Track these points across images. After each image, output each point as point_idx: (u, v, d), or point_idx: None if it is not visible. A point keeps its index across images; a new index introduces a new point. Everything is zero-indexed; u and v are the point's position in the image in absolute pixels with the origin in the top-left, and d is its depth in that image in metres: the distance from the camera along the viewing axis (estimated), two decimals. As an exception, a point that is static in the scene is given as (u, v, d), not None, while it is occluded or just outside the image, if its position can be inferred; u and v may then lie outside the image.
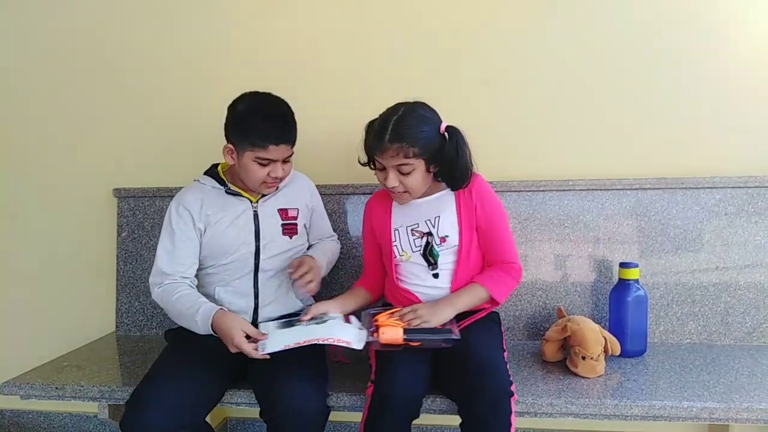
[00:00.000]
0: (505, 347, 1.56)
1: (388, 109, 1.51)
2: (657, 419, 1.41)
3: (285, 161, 1.59)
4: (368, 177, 1.87)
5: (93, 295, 2.15)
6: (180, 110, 2.07)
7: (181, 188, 1.81)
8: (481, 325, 1.56)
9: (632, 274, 1.70)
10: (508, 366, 1.45)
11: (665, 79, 1.86)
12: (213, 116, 2.02)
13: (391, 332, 1.41)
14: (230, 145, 1.57)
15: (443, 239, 1.56)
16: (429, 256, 1.57)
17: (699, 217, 1.82)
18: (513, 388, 1.35)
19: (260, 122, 1.53)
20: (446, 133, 1.51)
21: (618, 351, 1.61)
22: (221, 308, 1.53)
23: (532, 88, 1.91)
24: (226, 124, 1.59)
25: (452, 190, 1.58)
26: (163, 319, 2.02)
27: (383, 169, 1.51)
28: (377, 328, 1.44)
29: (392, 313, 1.52)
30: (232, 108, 1.58)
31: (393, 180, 1.49)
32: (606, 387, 1.49)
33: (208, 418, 1.51)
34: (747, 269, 1.80)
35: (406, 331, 1.43)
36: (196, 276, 1.67)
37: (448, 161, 1.51)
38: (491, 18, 1.91)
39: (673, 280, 1.83)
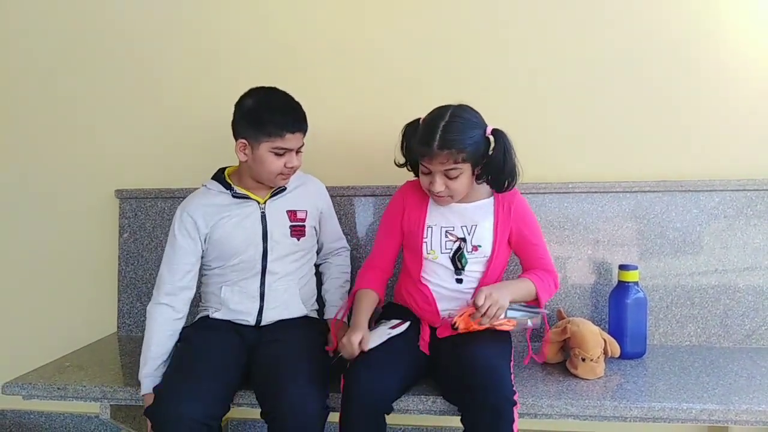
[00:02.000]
0: (512, 356, 1.55)
1: (433, 112, 1.50)
2: (656, 421, 1.42)
3: (298, 152, 1.62)
4: (375, 179, 1.90)
5: (95, 295, 2.16)
6: (183, 112, 2.08)
7: (183, 189, 1.83)
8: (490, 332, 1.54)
9: (632, 276, 1.70)
10: (513, 374, 1.46)
11: (664, 82, 1.87)
12: (216, 118, 2.04)
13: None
14: (243, 140, 1.58)
15: (475, 248, 1.56)
16: (458, 261, 1.57)
17: (698, 220, 1.83)
18: (516, 397, 1.36)
19: (275, 112, 1.56)
20: (492, 136, 1.50)
21: (617, 353, 1.61)
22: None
23: (532, 92, 1.92)
24: (235, 120, 1.60)
25: (498, 191, 1.57)
26: (164, 320, 2.03)
27: (429, 173, 1.49)
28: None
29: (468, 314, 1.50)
30: (241, 104, 1.60)
31: (440, 185, 1.48)
32: (606, 389, 1.50)
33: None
34: (746, 272, 1.81)
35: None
36: (205, 273, 1.69)
37: (495, 164, 1.50)
38: (492, 22, 1.92)
39: (673, 283, 1.83)
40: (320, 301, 1.81)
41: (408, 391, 1.49)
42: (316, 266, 1.82)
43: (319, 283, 1.81)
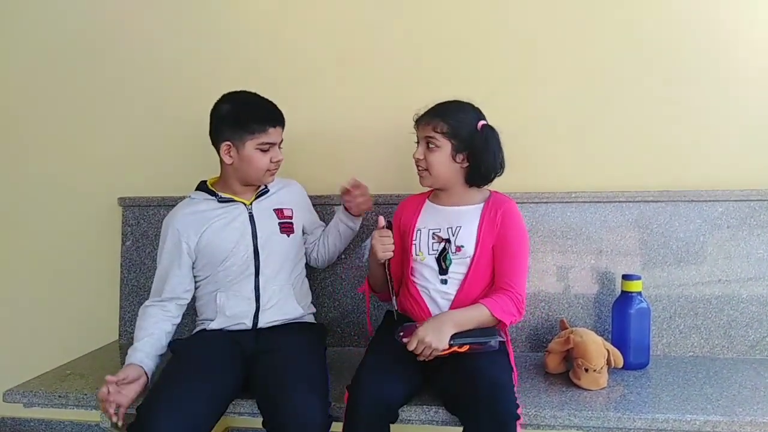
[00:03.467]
0: (513, 365, 1.55)
1: None
2: (660, 432, 1.41)
3: (279, 146, 1.67)
4: (373, 188, 1.90)
5: (96, 303, 2.16)
6: (186, 120, 2.08)
7: (185, 198, 1.83)
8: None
9: (635, 286, 1.70)
10: (516, 387, 1.45)
11: (668, 92, 1.87)
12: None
13: None
14: (227, 143, 1.62)
15: (459, 248, 1.59)
16: (442, 261, 1.60)
17: (701, 230, 1.82)
18: (520, 411, 1.35)
19: (254, 110, 1.63)
20: (481, 130, 1.57)
21: (621, 363, 1.61)
22: (138, 365, 1.51)
23: (534, 101, 1.93)
24: (214, 126, 1.65)
25: (471, 185, 1.61)
26: (166, 328, 2.03)
27: (418, 142, 1.61)
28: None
29: None
30: (217, 110, 1.65)
31: (420, 152, 1.59)
32: (609, 399, 1.49)
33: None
34: (750, 282, 1.80)
35: (451, 336, 1.44)
36: (198, 285, 1.70)
37: (476, 155, 1.55)
38: (494, 29, 1.93)
39: (676, 293, 1.83)
40: (316, 304, 1.82)
41: (412, 396, 1.48)
42: (308, 266, 1.84)
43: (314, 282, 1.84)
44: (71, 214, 2.17)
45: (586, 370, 1.54)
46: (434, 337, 1.42)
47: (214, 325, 1.65)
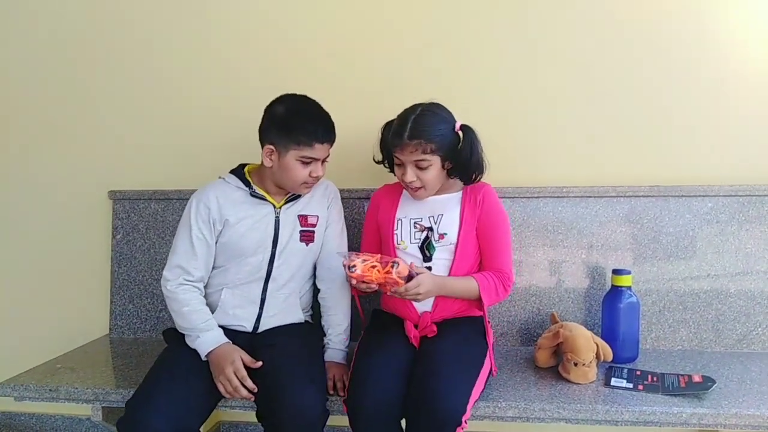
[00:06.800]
0: (487, 361, 1.53)
1: (406, 109, 1.58)
2: (647, 425, 1.43)
3: (323, 161, 1.61)
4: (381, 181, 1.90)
5: (87, 297, 2.15)
6: (177, 113, 2.07)
7: (177, 191, 1.82)
8: (462, 333, 1.56)
9: (625, 280, 1.71)
10: (475, 386, 1.42)
11: (659, 88, 1.88)
12: (211, 119, 2.05)
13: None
14: (271, 146, 1.57)
15: (441, 236, 1.61)
16: (426, 249, 1.61)
17: (691, 225, 1.84)
18: (465, 417, 1.34)
19: (306, 121, 1.56)
20: (461, 132, 1.59)
21: (610, 357, 1.62)
22: (228, 342, 1.53)
23: (526, 96, 1.93)
24: (264, 126, 1.59)
25: (465, 184, 1.65)
26: (156, 322, 2.03)
27: (401, 164, 1.57)
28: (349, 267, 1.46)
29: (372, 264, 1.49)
30: (271, 110, 1.59)
31: (411, 175, 1.55)
32: (597, 393, 1.51)
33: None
34: (738, 277, 1.82)
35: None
36: None
37: (463, 158, 1.59)
38: (485, 25, 1.93)
39: (666, 287, 1.84)
40: (314, 307, 1.79)
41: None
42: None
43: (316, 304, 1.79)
44: (61, 208, 2.15)
45: (575, 364, 1.55)
46: (425, 296, 1.46)
47: None
